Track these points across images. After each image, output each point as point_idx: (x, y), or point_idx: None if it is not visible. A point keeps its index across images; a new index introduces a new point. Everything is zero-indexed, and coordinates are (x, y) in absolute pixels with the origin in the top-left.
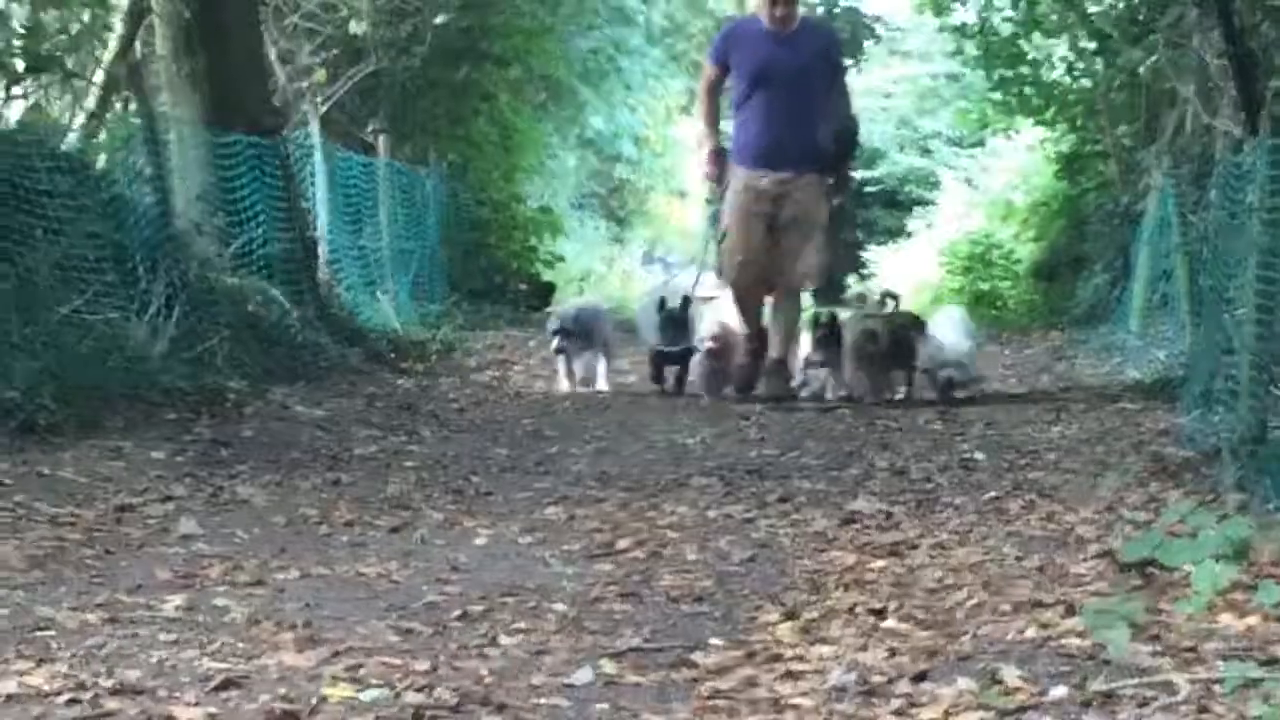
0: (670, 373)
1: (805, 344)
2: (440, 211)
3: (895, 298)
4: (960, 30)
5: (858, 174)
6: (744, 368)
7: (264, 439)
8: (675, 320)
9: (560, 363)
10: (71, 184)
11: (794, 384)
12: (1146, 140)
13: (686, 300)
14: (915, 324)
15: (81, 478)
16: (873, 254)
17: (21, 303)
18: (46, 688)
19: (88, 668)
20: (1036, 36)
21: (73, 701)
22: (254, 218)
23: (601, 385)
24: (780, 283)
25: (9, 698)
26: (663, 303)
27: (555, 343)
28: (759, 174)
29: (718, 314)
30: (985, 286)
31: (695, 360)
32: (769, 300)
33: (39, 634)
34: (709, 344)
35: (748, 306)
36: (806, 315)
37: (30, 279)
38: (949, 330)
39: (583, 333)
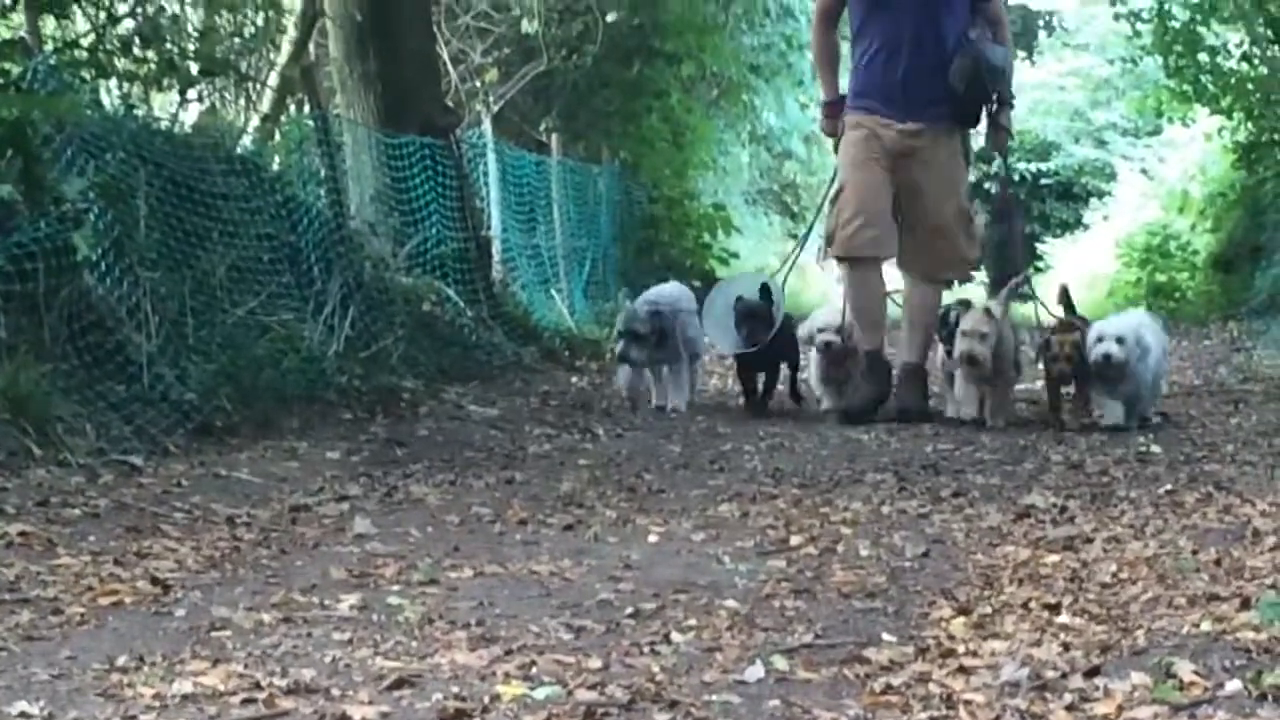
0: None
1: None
2: (613, 209)
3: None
4: (1136, 16)
5: (1031, 165)
6: (864, 384)
7: (438, 438)
8: (752, 314)
9: (622, 374)
10: (246, 186)
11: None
12: None
13: (766, 289)
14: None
15: (257, 478)
16: (1048, 246)
17: (198, 305)
18: (221, 687)
19: (263, 667)
20: (1213, 23)
21: (248, 701)
22: (428, 217)
23: (677, 402)
24: (914, 272)
25: (185, 698)
26: (738, 300)
27: (619, 348)
28: (878, 120)
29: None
30: (1162, 278)
31: (812, 357)
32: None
33: (215, 634)
34: (828, 337)
35: (866, 291)
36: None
37: (206, 281)
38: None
39: (657, 334)
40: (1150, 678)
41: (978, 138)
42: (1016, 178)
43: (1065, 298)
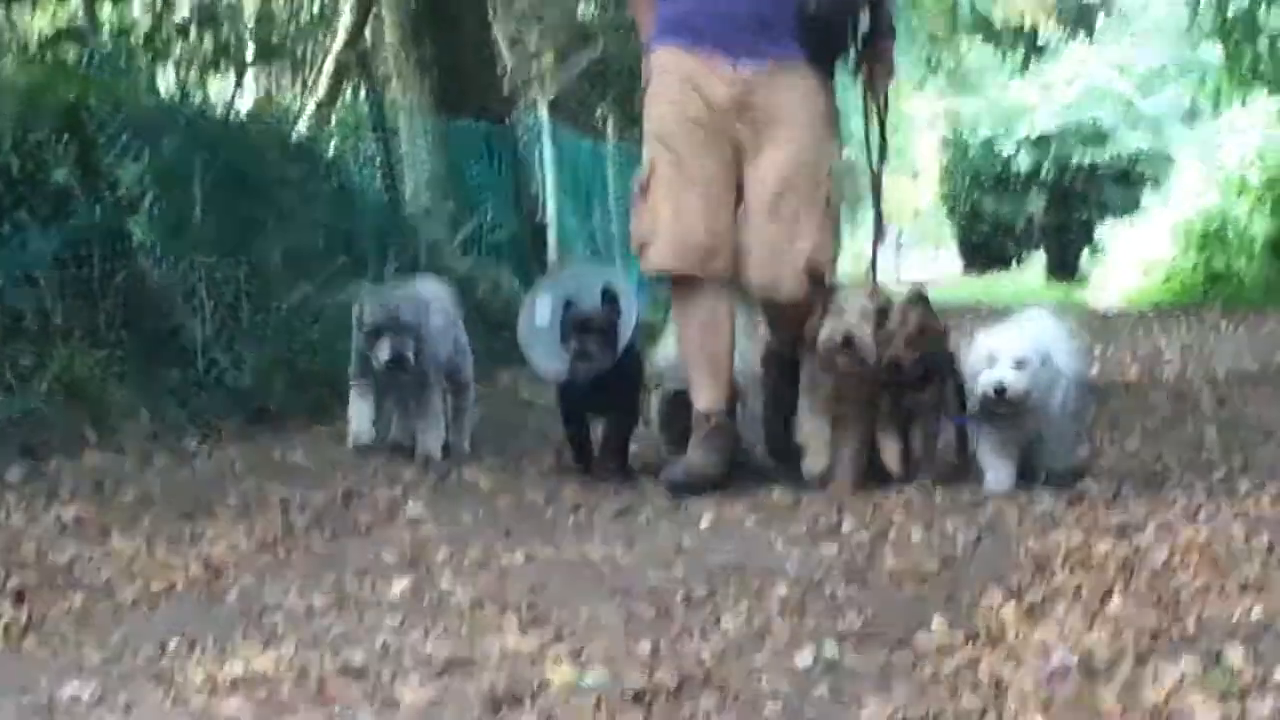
0: (594, 430)
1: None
2: None
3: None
4: (1196, 2)
5: (1087, 157)
6: (698, 452)
7: (492, 423)
8: (587, 325)
9: (355, 397)
10: (301, 172)
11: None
12: None
13: (609, 294)
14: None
15: (311, 463)
16: (1105, 231)
17: (253, 290)
18: (273, 671)
19: (313, 650)
20: (1273, 10)
21: (299, 685)
22: (483, 203)
23: (430, 446)
24: (755, 283)
25: (236, 681)
26: (568, 305)
27: (386, 352)
28: (699, 62)
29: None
30: (1220, 264)
31: (655, 404)
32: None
33: (266, 618)
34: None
35: (699, 323)
36: None
37: (261, 266)
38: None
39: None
40: (1201, 665)
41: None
42: (1073, 164)
43: (918, 300)
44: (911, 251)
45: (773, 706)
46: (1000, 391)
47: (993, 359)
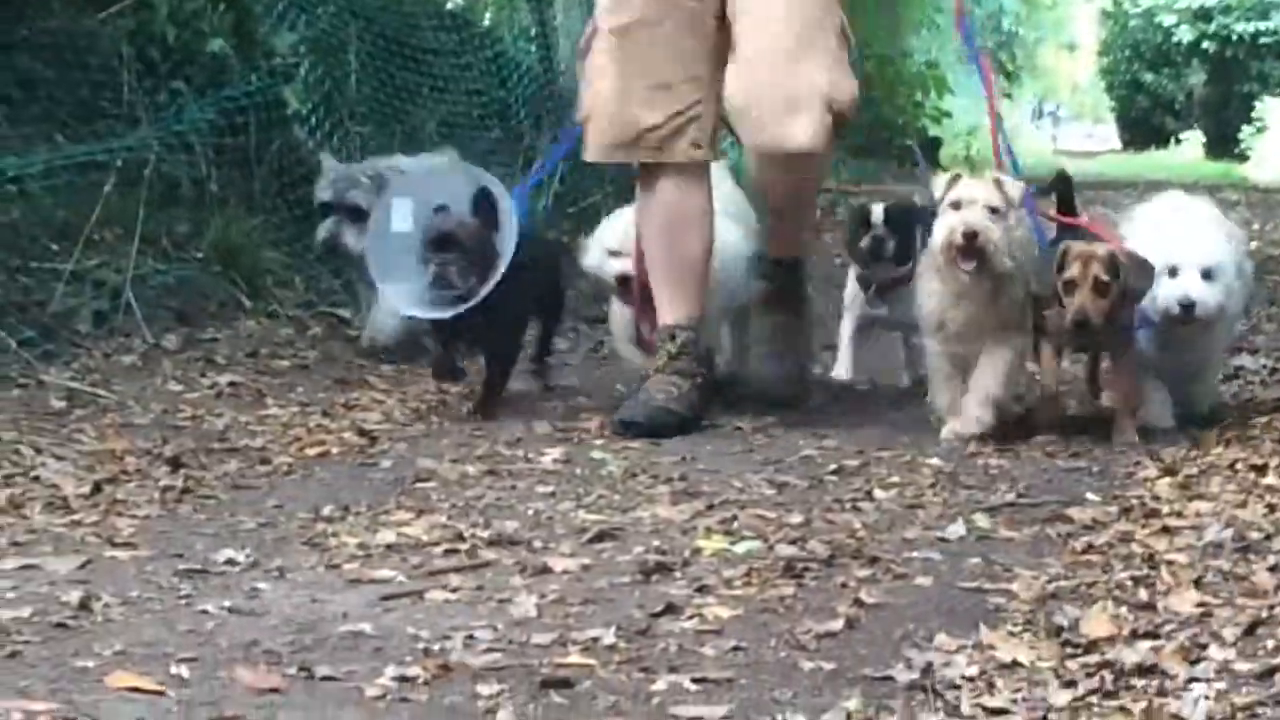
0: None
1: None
2: None
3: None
4: None
5: (1250, 25)
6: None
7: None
8: (454, 244)
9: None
10: (456, 42)
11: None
12: None
13: (484, 201)
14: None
15: None
16: (1267, 106)
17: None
18: (425, 538)
19: (466, 519)
20: None
21: (450, 551)
22: None
23: (382, 333)
24: (762, 140)
25: (388, 547)
26: (440, 208)
27: (322, 233)
28: None
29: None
30: None
31: (614, 305)
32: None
33: (419, 485)
34: (623, 266)
35: (665, 220)
36: None
37: (415, 136)
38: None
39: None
40: None
41: None
42: (1233, 37)
43: (1062, 186)
44: (1069, 126)
45: (924, 579)
46: (1188, 307)
47: (1175, 268)
